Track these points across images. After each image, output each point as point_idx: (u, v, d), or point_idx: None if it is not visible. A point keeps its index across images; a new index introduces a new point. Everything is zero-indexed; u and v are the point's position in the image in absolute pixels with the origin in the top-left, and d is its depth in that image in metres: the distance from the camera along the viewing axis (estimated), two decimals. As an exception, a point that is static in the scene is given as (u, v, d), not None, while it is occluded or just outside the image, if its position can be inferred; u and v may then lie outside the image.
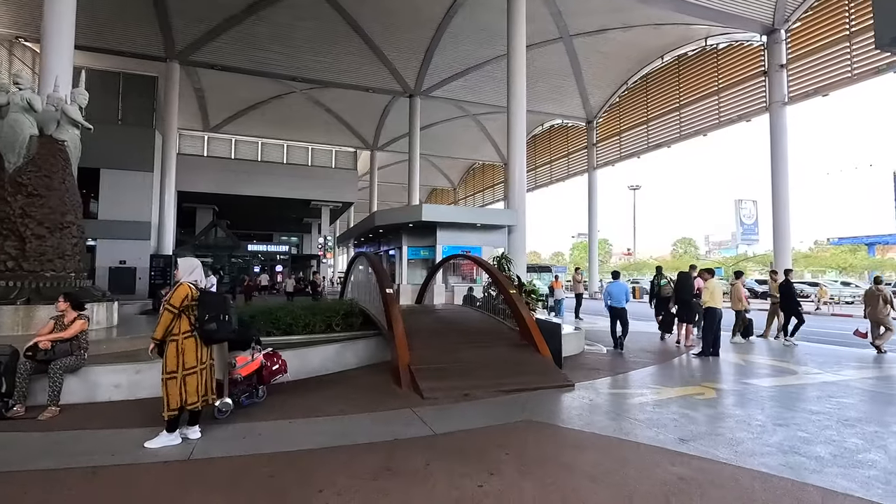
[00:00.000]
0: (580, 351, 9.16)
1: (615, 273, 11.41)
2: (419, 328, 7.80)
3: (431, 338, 7.31)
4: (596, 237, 33.54)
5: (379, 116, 34.19)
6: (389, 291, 7.09)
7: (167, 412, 3.95)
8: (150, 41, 23.11)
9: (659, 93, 28.27)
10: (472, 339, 7.49)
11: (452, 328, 8.15)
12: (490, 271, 8.51)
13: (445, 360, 6.53)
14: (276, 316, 7.86)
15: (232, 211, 39.97)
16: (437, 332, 7.71)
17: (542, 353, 6.96)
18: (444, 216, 16.87)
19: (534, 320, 7.33)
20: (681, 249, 71.92)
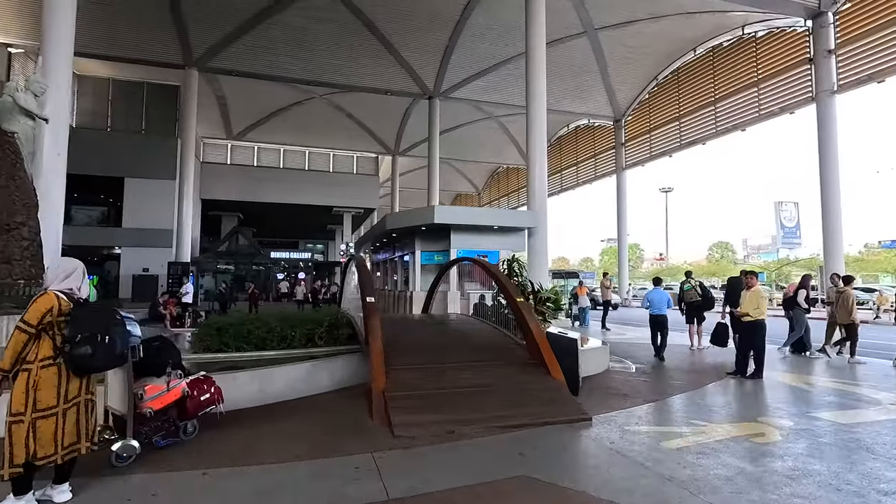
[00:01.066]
0: (604, 369, 7.73)
1: (657, 279, 10.46)
2: (409, 343, 6.58)
3: (420, 355, 6.06)
4: (626, 241, 31.64)
5: (400, 121, 33.31)
6: (370, 300, 5.88)
7: (8, 469, 2.83)
8: (169, 49, 22.85)
9: (692, 87, 26.36)
10: (470, 357, 6.19)
11: (450, 343, 6.86)
12: (495, 276, 7.21)
13: (432, 384, 5.26)
14: (248, 329, 6.76)
15: (257, 219, 39.84)
16: (430, 349, 6.44)
17: (553, 375, 5.61)
18: (457, 218, 15.63)
19: (543, 335, 5.98)
20: (717, 254, 68.30)
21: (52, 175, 12.36)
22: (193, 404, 4.08)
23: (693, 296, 11.05)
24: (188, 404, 4.02)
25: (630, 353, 9.82)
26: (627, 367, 8.12)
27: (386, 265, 21.60)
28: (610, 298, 14.34)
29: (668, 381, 7.15)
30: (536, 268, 16.49)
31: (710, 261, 65.17)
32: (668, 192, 50.78)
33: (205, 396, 4.17)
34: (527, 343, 6.23)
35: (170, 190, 24.79)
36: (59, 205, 12.54)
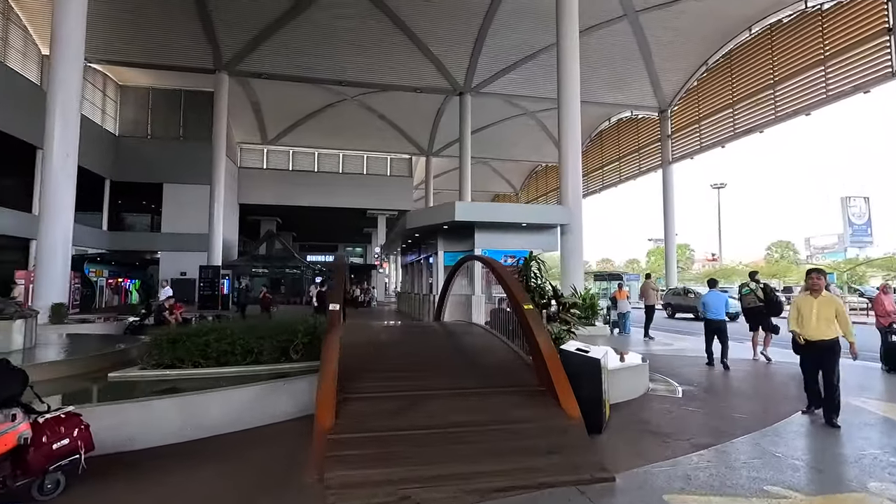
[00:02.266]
0: (642, 393, 6.12)
1: (712, 281, 9.32)
2: (387, 361, 5.28)
3: (396, 378, 4.71)
4: (674, 241, 29.04)
5: (432, 120, 32.18)
6: (333, 307, 4.61)
7: None
8: (199, 54, 22.69)
9: (747, 70, 23.70)
10: (460, 381, 4.78)
11: (441, 362, 5.46)
12: (500, 277, 5.78)
13: (398, 421, 3.90)
14: (205, 341, 5.66)
15: (295, 222, 39.88)
16: (411, 368, 5.08)
17: (564, 407, 4.13)
18: (481, 215, 14.19)
19: (553, 353, 4.50)
20: (776, 254, 62.95)
21: (61, 177, 11.92)
22: (43, 454, 2.92)
23: (752, 300, 9.29)
24: (31, 455, 2.86)
25: (677, 369, 8.08)
26: (672, 390, 6.45)
27: (413, 268, 20.44)
28: (654, 303, 12.48)
29: (726, 410, 5.46)
30: (570, 269, 14.84)
31: (768, 261, 60.17)
32: (720, 188, 47.08)
33: (60, 443, 3.00)
34: (534, 363, 4.77)
35: (206, 194, 24.69)
36: (69, 207, 12.08)
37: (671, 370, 7.94)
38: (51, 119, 11.78)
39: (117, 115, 26.73)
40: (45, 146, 11.81)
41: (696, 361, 8.96)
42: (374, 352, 5.73)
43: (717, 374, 7.72)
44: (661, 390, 6.39)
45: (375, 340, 6.62)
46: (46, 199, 11.69)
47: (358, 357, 5.22)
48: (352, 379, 4.49)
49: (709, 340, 8.67)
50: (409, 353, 5.75)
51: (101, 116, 25.54)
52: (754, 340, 9.60)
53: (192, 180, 26.09)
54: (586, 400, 4.44)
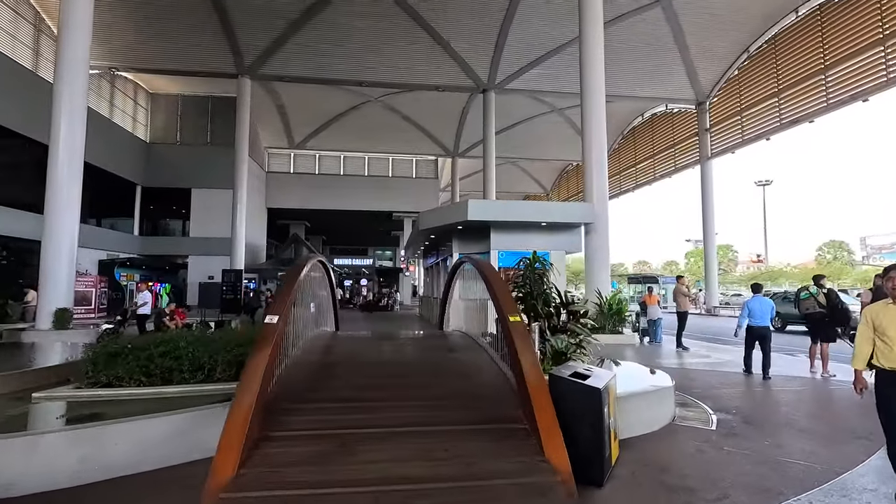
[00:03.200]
0: (667, 422, 4.96)
1: (756, 286, 8.46)
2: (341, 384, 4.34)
3: (342, 410, 3.75)
4: (714, 241, 26.97)
5: (458, 120, 31.29)
6: (270, 321, 3.73)
7: None
8: (222, 59, 22.63)
9: (794, 55, 21.65)
10: (421, 413, 3.77)
11: (409, 385, 4.47)
12: (487, 281, 4.77)
13: (326, 474, 2.94)
14: (149, 354, 4.90)
15: (323, 226, 39.80)
16: (365, 397, 4.09)
17: (549, 456, 3.09)
18: (496, 213, 13.12)
19: (538, 379, 3.45)
20: (829, 254, 58.48)
21: (67, 178, 11.64)
22: None
23: (811, 306, 8.00)
24: None
25: (712, 389, 6.80)
26: (705, 419, 5.24)
27: (431, 271, 19.54)
28: (687, 309, 11.06)
29: (773, 451, 4.24)
30: (595, 271, 13.59)
31: (819, 263, 55.98)
32: (765, 186, 44.05)
33: None
34: (518, 392, 3.74)
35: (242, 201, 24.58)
36: (75, 209, 11.79)
37: (706, 390, 6.69)
38: (56, 119, 11.53)
39: (148, 123, 27.15)
40: (51, 147, 11.56)
41: (736, 378, 7.63)
42: (332, 371, 4.82)
43: (762, 397, 6.41)
44: (690, 419, 5.19)
45: (344, 355, 5.72)
46: (51, 200, 11.43)
47: (307, 378, 4.34)
48: (286, 409, 3.59)
49: (749, 348, 8.07)
50: (375, 374, 4.80)
51: (133, 124, 25.96)
52: (812, 352, 8.21)
53: (219, 185, 26.11)
54: (584, 441, 3.38)
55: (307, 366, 4.84)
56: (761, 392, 6.69)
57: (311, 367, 4.80)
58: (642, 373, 6.23)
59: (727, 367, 8.66)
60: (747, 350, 8.08)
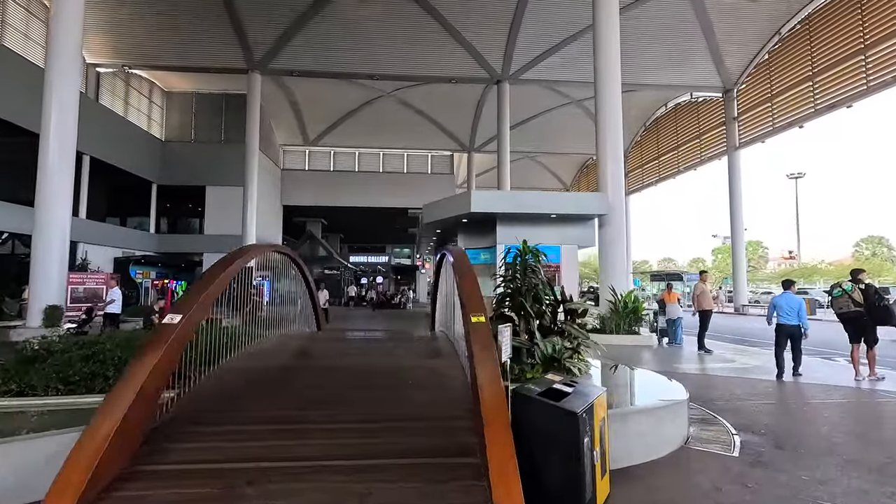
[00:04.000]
0: (677, 446, 4.05)
1: (787, 282, 7.96)
2: (271, 398, 3.57)
3: (254, 436, 2.99)
4: (742, 236, 25.38)
5: (473, 114, 30.37)
6: (169, 322, 3.00)
7: None
8: (232, 55, 22.31)
9: (830, 35, 20.01)
10: (361, 438, 2.99)
11: (355, 400, 3.68)
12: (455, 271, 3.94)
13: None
14: (69, 359, 4.25)
15: (340, 224, 39.42)
16: (296, 418, 3.32)
17: (496, 498, 2.25)
18: (502, 205, 12.24)
19: (497, 402, 2.61)
20: (867, 250, 55.17)
21: (58, 171, 11.27)
22: None
23: (844, 304, 7.04)
24: None
25: (737, 400, 5.81)
26: (725, 441, 4.29)
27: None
28: (710, 308, 9.93)
29: (812, 487, 3.29)
30: (610, 267, 12.57)
31: (856, 259, 52.84)
32: (798, 179, 41.68)
33: None
34: (475, 419, 2.90)
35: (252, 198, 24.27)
36: (66, 204, 11.41)
37: (728, 401, 5.70)
38: (47, 110, 11.15)
39: (163, 121, 27.13)
40: (42, 139, 11.18)
41: (765, 387, 6.60)
42: (271, 382, 4.06)
43: (797, 411, 5.39)
44: (707, 441, 4.26)
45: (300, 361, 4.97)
46: (42, 192, 11.05)
47: (233, 392, 3.60)
48: (182, 434, 2.85)
49: (779, 347, 7.50)
50: (323, 385, 4.00)
51: (148, 122, 25.96)
52: (855, 357, 7.18)
53: (233, 182, 25.83)
54: (554, 482, 2.54)
55: (242, 375, 4.12)
56: (795, 405, 5.66)
57: (248, 377, 4.07)
58: (651, 382, 5.30)
59: (754, 374, 7.60)
60: (777, 349, 7.51)
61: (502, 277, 5.48)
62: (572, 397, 2.78)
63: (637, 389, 4.97)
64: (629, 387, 5.09)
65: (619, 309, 11.41)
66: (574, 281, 12.70)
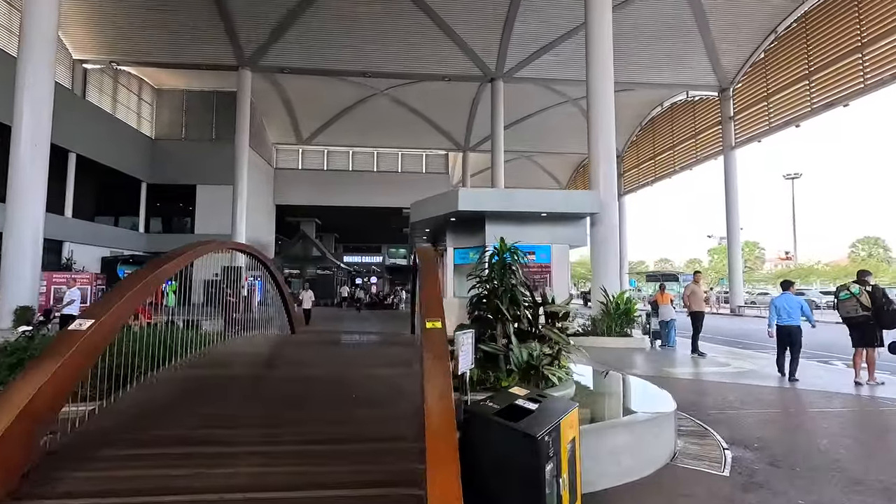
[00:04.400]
0: (662, 464, 3.65)
1: (785, 283, 7.72)
2: (209, 410, 3.17)
3: (169, 461, 2.59)
4: (738, 236, 25.04)
5: (468, 113, 30.00)
6: (77, 328, 2.60)
7: None
8: (221, 51, 21.88)
9: (827, 34, 19.69)
10: (284, 465, 2.58)
11: (298, 415, 3.27)
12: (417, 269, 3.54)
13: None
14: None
15: (335, 223, 39.02)
16: (223, 438, 2.91)
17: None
18: (490, 203, 11.82)
19: (444, 424, 2.22)
20: (863, 251, 54.95)
21: (30, 167, 10.83)
22: None
23: (852, 308, 6.80)
24: None
25: (730, 408, 5.42)
26: (715, 457, 3.90)
27: (432, 266, 18.34)
28: (702, 309, 9.53)
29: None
30: (602, 267, 12.18)
31: (852, 260, 52.59)
32: (794, 179, 41.40)
33: None
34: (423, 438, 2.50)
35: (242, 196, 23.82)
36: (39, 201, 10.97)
37: (721, 410, 5.32)
38: (19, 101, 10.69)
39: (153, 119, 26.69)
40: (13, 131, 10.72)
41: (761, 394, 6.21)
42: (206, 393, 3.66)
43: (795, 422, 5.00)
44: (696, 457, 3.86)
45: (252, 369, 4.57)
46: (13, 187, 10.60)
47: (161, 402, 3.19)
48: (82, 459, 2.44)
49: (779, 348, 7.40)
50: (264, 398, 3.57)
51: (138, 120, 25.52)
52: (857, 361, 6.90)
53: (224, 181, 25.37)
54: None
55: (179, 385, 3.71)
56: (793, 414, 5.27)
57: (185, 387, 3.66)
58: (637, 391, 4.91)
59: (749, 379, 7.22)
60: (780, 353, 7.41)
61: (478, 278, 5.08)
62: (536, 416, 2.38)
63: (620, 400, 4.59)
64: (612, 397, 4.71)
65: (611, 310, 11.03)
66: (565, 281, 12.31)
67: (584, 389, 4.68)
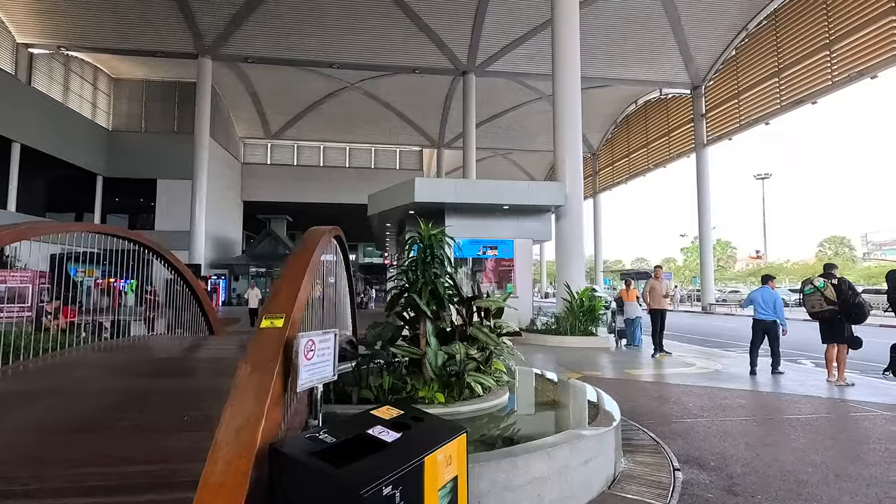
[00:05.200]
0: (595, 493, 2.95)
1: (765, 277, 7.49)
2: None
3: None
4: (710, 233, 24.84)
5: (441, 108, 29.26)
6: None
7: None
8: (179, 38, 20.69)
9: (796, 31, 19.51)
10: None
11: (74, 445, 2.43)
12: (291, 257, 2.75)
13: None
14: None
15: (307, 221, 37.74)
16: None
17: None
18: (449, 195, 11.11)
19: (228, 467, 1.47)
20: (830, 251, 56.03)
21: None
22: None
23: (816, 302, 6.49)
24: None
25: (688, 416, 4.78)
26: (663, 485, 3.22)
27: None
28: (662, 306, 8.90)
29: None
30: (566, 262, 11.56)
31: (820, 259, 53.57)
32: (764, 179, 41.77)
33: None
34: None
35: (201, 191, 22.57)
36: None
37: (678, 419, 4.67)
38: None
39: (110, 110, 25.26)
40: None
41: (725, 398, 5.59)
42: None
43: (759, 432, 4.37)
44: (639, 482, 3.18)
45: (93, 380, 3.73)
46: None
47: None
48: None
49: (754, 343, 7.19)
50: (71, 418, 2.74)
51: (93, 110, 24.08)
52: (828, 356, 6.46)
53: (187, 175, 24.11)
54: None
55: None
56: (758, 423, 4.65)
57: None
58: (578, 401, 4.20)
59: (714, 381, 6.63)
60: (752, 346, 7.20)
61: (400, 269, 4.33)
62: (386, 454, 1.64)
63: (555, 413, 3.89)
64: (547, 409, 4.02)
65: (575, 308, 10.42)
66: (528, 279, 11.69)
67: (517, 400, 3.97)
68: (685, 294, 34.77)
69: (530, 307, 11.62)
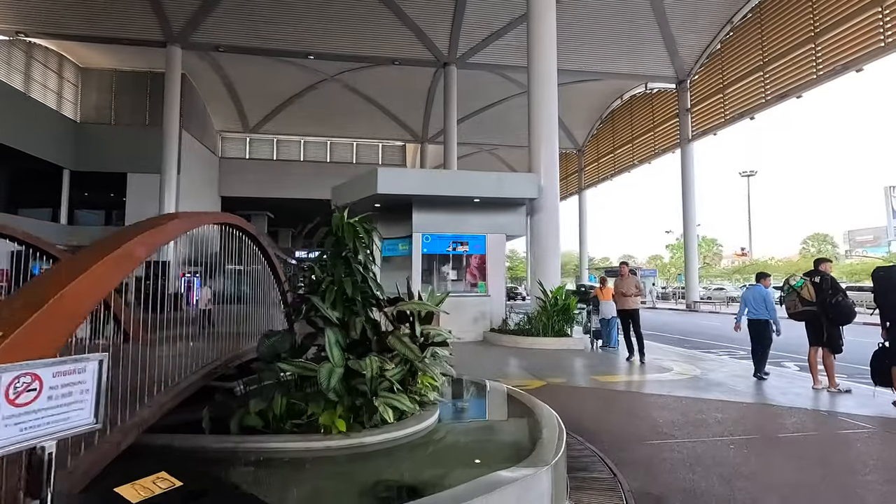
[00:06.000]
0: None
1: (760, 275, 6.92)
2: None
3: None
4: (694, 229, 24.38)
5: (424, 102, 28.44)
6: None
7: None
8: (146, 25, 19.66)
9: (781, 24, 18.99)
10: None
11: None
12: (86, 250, 2.01)
13: None
14: None
15: (289, 217, 36.86)
16: None
17: None
18: (414, 186, 10.37)
19: None
20: (813, 248, 56.13)
21: None
22: None
23: (790, 304, 6.06)
24: None
25: (655, 435, 4.10)
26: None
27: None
28: (632, 307, 8.17)
29: None
30: (541, 259, 10.89)
31: (803, 256, 53.63)
32: (749, 177, 41.54)
33: None
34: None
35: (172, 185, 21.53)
36: None
37: (642, 439, 3.99)
38: None
39: (78, 101, 24.11)
40: None
41: (698, 411, 4.92)
42: None
43: (733, 455, 3.71)
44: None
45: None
46: None
47: None
48: None
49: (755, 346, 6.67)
50: None
51: (58, 101, 22.95)
52: (811, 361, 5.92)
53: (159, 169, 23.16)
54: None
55: None
56: (734, 445, 3.98)
57: None
58: (519, 425, 3.49)
59: (690, 390, 5.97)
60: (753, 351, 6.71)
61: (308, 266, 3.61)
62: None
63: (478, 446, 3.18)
64: (472, 441, 3.31)
65: (549, 307, 9.75)
66: (501, 274, 11.00)
67: (437, 428, 3.24)
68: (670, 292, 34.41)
69: (503, 306, 10.94)
